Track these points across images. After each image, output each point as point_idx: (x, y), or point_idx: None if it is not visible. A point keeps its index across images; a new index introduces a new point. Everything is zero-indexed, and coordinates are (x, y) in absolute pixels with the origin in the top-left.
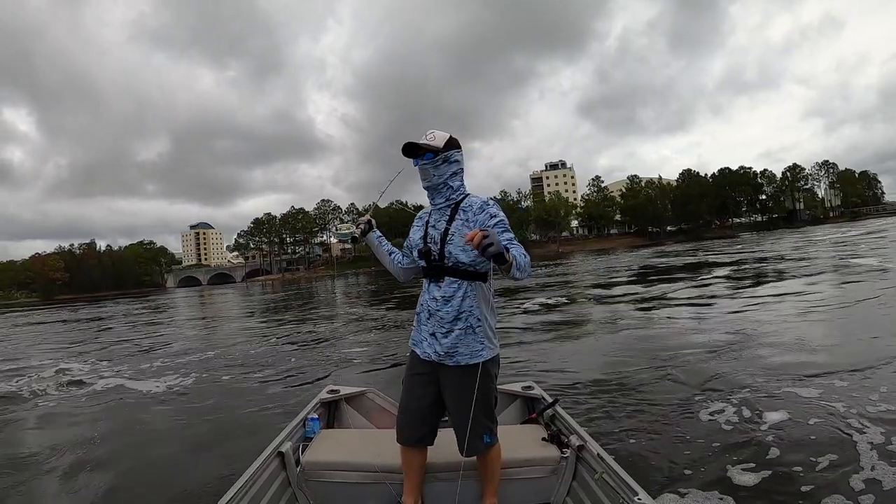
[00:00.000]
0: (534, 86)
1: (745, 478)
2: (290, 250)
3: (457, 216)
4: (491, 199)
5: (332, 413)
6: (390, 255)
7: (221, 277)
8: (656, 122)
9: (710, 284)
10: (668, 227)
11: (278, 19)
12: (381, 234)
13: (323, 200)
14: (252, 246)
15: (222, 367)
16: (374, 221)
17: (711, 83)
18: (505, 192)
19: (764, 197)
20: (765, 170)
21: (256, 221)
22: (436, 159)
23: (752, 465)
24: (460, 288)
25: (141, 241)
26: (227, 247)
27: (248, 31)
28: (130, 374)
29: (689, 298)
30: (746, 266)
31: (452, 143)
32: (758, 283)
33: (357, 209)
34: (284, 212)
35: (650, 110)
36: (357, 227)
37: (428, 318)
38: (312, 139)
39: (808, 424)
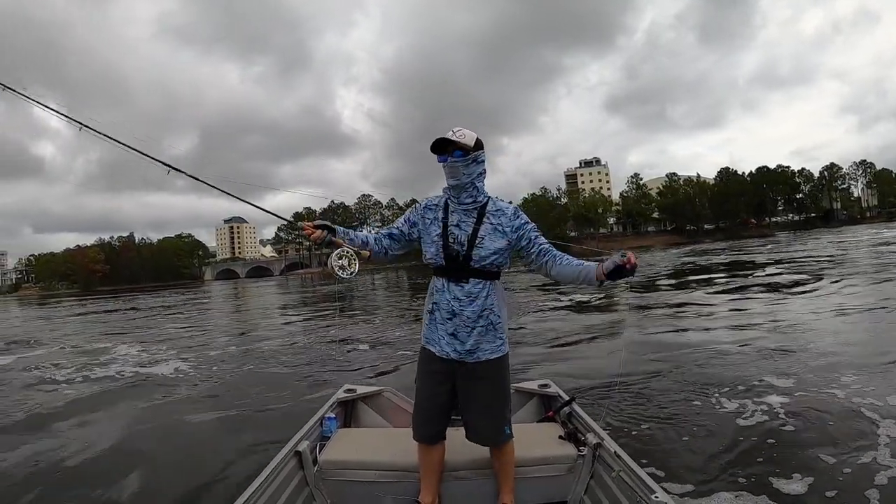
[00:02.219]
0: (561, 81)
1: (777, 481)
2: None
3: (485, 219)
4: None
5: (348, 412)
6: (364, 242)
7: (259, 271)
8: (687, 119)
9: (750, 285)
10: (706, 226)
11: (302, 13)
12: (343, 230)
13: (363, 195)
14: (291, 239)
15: (255, 360)
16: (328, 227)
17: (743, 78)
18: (545, 188)
19: (801, 196)
20: (802, 169)
21: (296, 215)
22: (467, 158)
23: (784, 469)
24: (485, 288)
25: (179, 235)
26: (261, 241)
27: (272, 27)
28: (175, 361)
29: (726, 299)
30: (790, 266)
31: (479, 144)
32: (802, 285)
33: (397, 204)
34: (325, 206)
35: (681, 106)
36: (339, 256)
37: (449, 318)
38: (340, 134)
39: (844, 429)
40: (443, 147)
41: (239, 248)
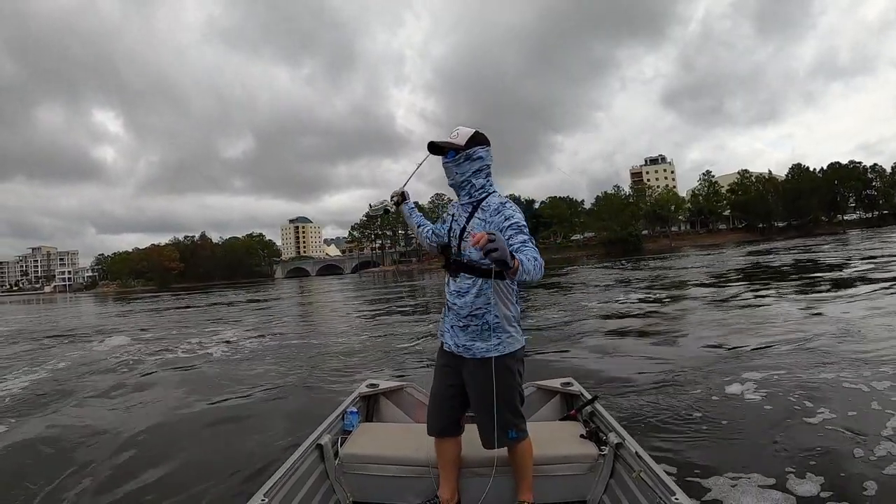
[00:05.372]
0: (614, 75)
1: (798, 486)
2: (402, 242)
3: (475, 215)
4: (508, 196)
5: (370, 407)
6: (419, 226)
7: (329, 269)
8: (745, 113)
9: (815, 286)
10: (777, 223)
11: (347, 13)
12: (412, 206)
13: (437, 194)
14: (365, 237)
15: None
16: (407, 193)
17: (802, 69)
18: (618, 186)
19: (874, 193)
20: (875, 164)
21: (368, 214)
22: (457, 157)
23: (805, 474)
24: (474, 284)
25: (250, 234)
26: (325, 240)
27: (316, 27)
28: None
29: (780, 299)
30: (870, 267)
31: (477, 140)
32: (869, 285)
33: None
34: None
35: (738, 100)
36: (391, 199)
37: (448, 311)
38: (393, 134)
39: (876, 436)
40: (439, 150)
41: (304, 247)
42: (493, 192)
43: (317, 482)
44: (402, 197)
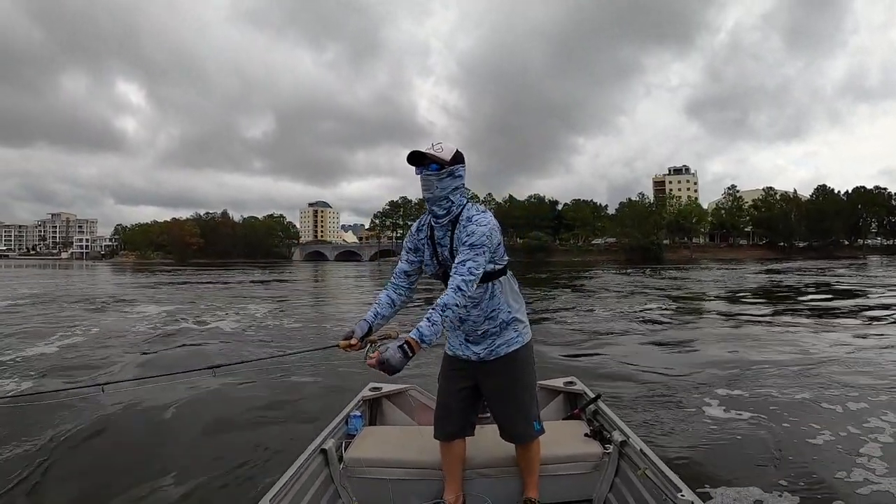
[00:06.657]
0: (639, 80)
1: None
2: None
3: (456, 231)
4: (479, 207)
5: (374, 410)
6: (393, 304)
7: (348, 255)
8: (769, 128)
9: (832, 308)
10: (798, 243)
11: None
12: (373, 317)
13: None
14: (387, 225)
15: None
16: (363, 331)
17: (830, 87)
18: (642, 193)
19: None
20: None
21: (392, 203)
22: (441, 172)
23: (800, 483)
24: (487, 291)
25: (270, 215)
26: (343, 226)
27: (343, 13)
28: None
29: (807, 326)
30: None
31: (458, 158)
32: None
33: (493, 198)
34: (421, 197)
35: (763, 114)
36: (369, 346)
37: (460, 325)
38: (414, 125)
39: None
40: (419, 159)
41: (322, 231)
42: (465, 204)
43: (322, 487)
44: (365, 336)
